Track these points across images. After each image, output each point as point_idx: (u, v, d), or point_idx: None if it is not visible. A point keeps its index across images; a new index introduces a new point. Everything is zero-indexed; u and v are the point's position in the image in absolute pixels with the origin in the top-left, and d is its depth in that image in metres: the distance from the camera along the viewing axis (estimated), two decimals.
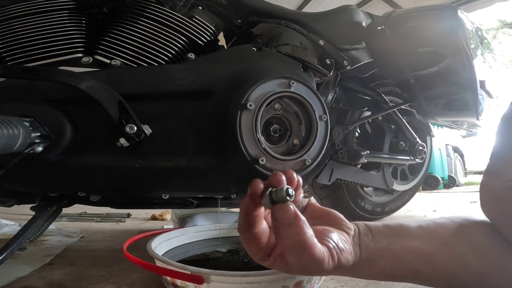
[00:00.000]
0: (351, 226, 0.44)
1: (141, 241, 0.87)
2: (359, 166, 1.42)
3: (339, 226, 0.43)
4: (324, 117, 0.86)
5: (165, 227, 1.51)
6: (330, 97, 1.17)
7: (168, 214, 1.84)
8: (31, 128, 0.65)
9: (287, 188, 0.35)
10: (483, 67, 1.11)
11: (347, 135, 1.29)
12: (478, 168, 5.85)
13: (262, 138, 0.79)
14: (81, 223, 1.67)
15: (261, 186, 0.37)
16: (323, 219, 0.44)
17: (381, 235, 0.44)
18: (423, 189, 4.14)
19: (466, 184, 5.41)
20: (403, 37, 1.07)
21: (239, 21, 1.07)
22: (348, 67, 1.07)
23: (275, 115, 0.84)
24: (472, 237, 0.44)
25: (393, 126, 1.45)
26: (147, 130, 0.74)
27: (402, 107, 1.35)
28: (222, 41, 1.07)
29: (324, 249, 0.37)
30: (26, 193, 0.84)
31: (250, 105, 0.77)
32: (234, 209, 1.50)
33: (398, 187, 1.57)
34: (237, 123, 0.76)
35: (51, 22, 0.79)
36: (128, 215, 1.92)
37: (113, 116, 0.71)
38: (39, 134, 0.67)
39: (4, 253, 0.68)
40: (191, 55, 0.87)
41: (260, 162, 0.77)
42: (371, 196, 1.60)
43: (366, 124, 1.52)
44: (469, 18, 1.09)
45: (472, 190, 4.03)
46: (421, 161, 1.53)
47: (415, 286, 0.48)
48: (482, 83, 1.07)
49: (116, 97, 0.71)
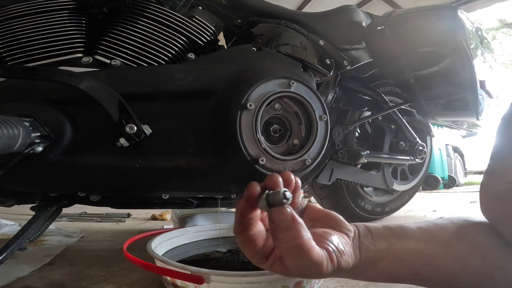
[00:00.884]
0: (351, 228, 0.44)
1: (141, 241, 0.87)
2: (359, 166, 1.42)
3: (339, 228, 0.43)
4: (324, 117, 0.86)
5: (165, 227, 1.51)
6: (330, 97, 1.17)
7: (168, 214, 1.84)
8: (31, 128, 0.65)
9: (284, 191, 0.35)
10: (483, 67, 1.11)
11: (347, 135, 1.29)
12: (478, 168, 5.85)
13: (262, 138, 0.79)
14: (81, 223, 1.67)
15: (258, 189, 0.37)
16: (323, 221, 0.44)
17: (381, 237, 0.44)
18: (423, 189, 4.14)
19: (466, 184, 5.41)
20: (403, 37, 1.07)
21: (239, 21, 1.07)
22: (348, 67, 1.07)
23: (275, 115, 0.84)
24: (472, 238, 0.44)
25: (393, 126, 1.45)
26: (147, 130, 0.74)
27: (402, 107, 1.35)
28: (222, 41, 1.07)
29: (323, 252, 0.36)
30: (26, 193, 0.84)
31: (250, 105, 0.77)
32: (234, 209, 1.50)
33: (398, 187, 1.57)
34: (237, 123, 0.76)
35: (51, 22, 0.79)
36: (128, 215, 1.92)
37: (113, 116, 0.71)
38: (39, 134, 0.67)
39: (4, 253, 0.68)
40: (191, 55, 0.87)
41: (260, 162, 0.77)
42: (371, 196, 1.60)
43: (366, 124, 1.52)
44: (469, 18, 1.09)
45: (472, 190, 4.03)
46: (421, 161, 1.53)
47: (416, 287, 0.48)
48: (482, 83, 1.07)
49: (116, 97, 0.71)
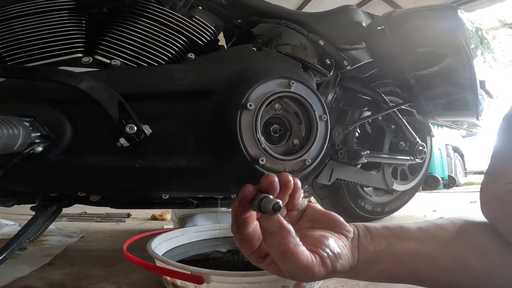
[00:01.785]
0: (350, 229, 0.44)
1: (141, 241, 0.87)
2: (359, 166, 1.42)
3: (338, 229, 0.43)
4: (324, 117, 0.86)
5: (165, 227, 1.51)
6: (330, 97, 1.17)
7: (168, 214, 1.84)
8: (31, 128, 0.65)
9: (275, 203, 0.35)
10: (483, 67, 1.11)
11: (347, 135, 1.29)
12: (478, 168, 5.85)
13: (262, 138, 0.79)
14: (81, 223, 1.67)
15: (252, 191, 0.38)
16: (322, 222, 0.44)
17: (380, 237, 0.44)
18: (423, 189, 4.14)
19: (466, 184, 5.41)
20: (403, 37, 1.07)
21: (239, 21, 1.07)
22: (348, 67, 1.07)
23: (275, 115, 0.84)
24: (472, 239, 0.44)
25: (393, 126, 1.45)
26: (147, 130, 0.74)
27: (402, 107, 1.35)
28: (222, 41, 1.07)
29: (314, 258, 0.37)
30: (26, 193, 0.84)
31: (250, 105, 0.77)
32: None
33: (398, 187, 1.57)
34: (237, 123, 0.76)
35: (51, 22, 0.79)
36: (128, 215, 1.92)
37: (113, 116, 0.71)
38: (39, 134, 0.67)
39: (4, 253, 0.68)
40: (191, 55, 0.87)
41: (260, 162, 0.77)
42: (371, 196, 1.60)
43: (366, 124, 1.52)
44: (469, 18, 1.09)
45: (472, 190, 4.03)
46: (421, 161, 1.53)
47: (415, 287, 0.48)
48: (482, 83, 1.07)
49: (116, 97, 0.71)
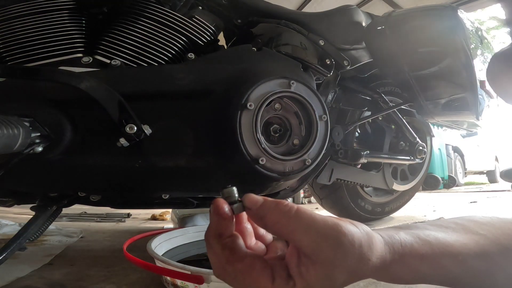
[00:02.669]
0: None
1: (141, 241, 0.87)
2: (359, 166, 1.42)
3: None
4: (324, 117, 0.86)
5: (165, 227, 1.51)
6: (330, 97, 1.17)
7: (168, 214, 1.84)
8: (31, 128, 0.65)
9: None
10: (483, 67, 1.11)
11: (347, 135, 1.29)
12: (478, 168, 5.85)
13: (262, 138, 0.79)
14: (81, 223, 1.67)
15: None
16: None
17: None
18: (423, 189, 4.14)
19: (466, 184, 5.41)
20: (403, 37, 1.07)
21: (239, 21, 1.07)
22: (348, 67, 1.07)
23: (275, 115, 0.84)
24: (473, 231, 0.44)
25: (393, 126, 1.45)
26: (147, 130, 0.74)
27: (402, 107, 1.35)
28: (222, 41, 1.07)
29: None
30: (26, 193, 0.84)
31: (250, 105, 0.77)
32: None
33: (398, 187, 1.57)
34: (237, 123, 0.76)
35: (51, 22, 0.79)
36: (128, 215, 1.92)
37: (113, 116, 0.71)
38: (39, 134, 0.67)
39: (4, 253, 0.68)
40: (191, 55, 0.87)
41: (260, 162, 0.77)
42: (371, 196, 1.60)
43: (366, 124, 1.52)
44: (469, 18, 1.09)
45: (472, 190, 4.03)
46: (421, 161, 1.53)
47: (415, 286, 0.48)
48: (482, 83, 1.07)
49: (116, 97, 0.71)
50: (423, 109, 1.18)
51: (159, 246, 0.84)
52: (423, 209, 2.18)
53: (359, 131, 1.52)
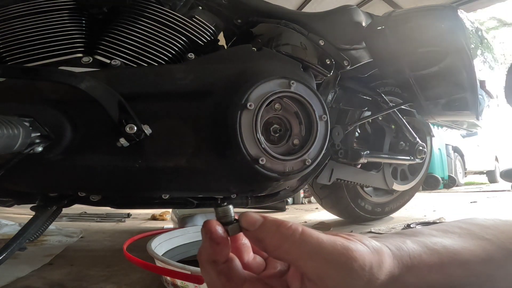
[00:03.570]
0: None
1: (141, 241, 0.87)
2: (359, 166, 1.42)
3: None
4: (324, 117, 0.86)
5: (165, 227, 1.51)
6: (330, 97, 1.17)
7: (168, 214, 1.84)
8: (31, 128, 0.65)
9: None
10: (483, 67, 1.11)
11: (347, 135, 1.29)
12: (478, 168, 5.85)
13: (262, 138, 0.79)
14: (81, 223, 1.67)
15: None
16: None
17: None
18: (423, 189, 4.14)
19: (466, 184, 5.41)
20: (403, 37, 1.07)
21: (239, 21, 1.07)
22: (348, 67, 1.07)
23: (275, 115, 0.84)
24: (479, 236, 0.44)
25: (393, 126, 1.45)
26: (147, 130, 0.74)
27: (402, 107, 1.35)
28: (222, 41, 1.07)
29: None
30: (26, 193, 0.84)
31: (250, 105, 0.77)
32: (234, 209, 1.50)
33: (398, 187, 1.57)
34: (237, 123, 0.76)
35: (51, 22, 0.79)
36: (128, 215, 1.92)
37: (113, 116, 0.71)
38: (39, 134, 0.67)
39: (4, 253, 0.68)
40: (191, 55, 0.87)
41: (260, 162, 0.77)
42: (371, 196, 1.60)
43: (366, 124, 1.52)
44: (469, 18, 1.09)
45: (472, 190, 4.03)
46: (421, 161, 1.53)
47: None
48: (482, 83, 1.07)
49: (116, 97, 0.71)
50: (423, 109, 1.18)
51: (159, 246, 0.84)
52: (423, 209, 2.18)
53: (359, 131, 1.52)
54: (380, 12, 1.21)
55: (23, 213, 1.67)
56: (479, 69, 1.05)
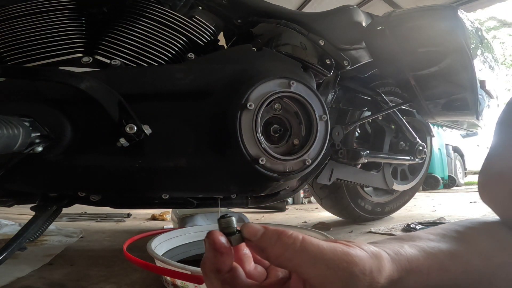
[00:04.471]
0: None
1: (141, 241, 0.87)
2: (359, 166, 1.42)
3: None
4: (324, 117, 0.86)
5: (165, 227, 1.51)
6: (330, 97, 1.17)
7: (168, 214, 1.84)
8: (31, 128, 0.65)
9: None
10: (483, 67, 1.11)
11: (347, 135, 1.29)
12: (478, 168, 5.85)
13: (262, 138, 0.79)
14: (81, 223, 1.67)
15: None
16: None
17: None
18: (423, 189, 4.14)
19: (466, 184, 5.41)
20: (403, 37, 1.07)
21: (239, 21, 1.07)
22: (348, 67, 1.07)
23: (275, 115, 0.84)
24: (476, 240, 0.44)
25: (393, 126, 1.45)
26: (147, 130, 0.74)
27: (402, 107, 1.35)
28: (222, 41, 1.07)
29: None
30: (26, 193, 0.84)
31: (250, 105, 0.77)
32: (234, 209, 1.50)
33: (398, 187, 1.57)
34: (237, 123, 0.76)
35: (51, 22, 0.79)
36: (128, 215, 1.92)
37: (113, 116, 0.71)
38: (39, 134, 0.67)
39: (4, 253, 0.68)
40: (191, 55, 0.87)
41: (260, 162, 0.77)
42: (371, 196, 1.60)
43: (366, 124, 1.52)
44: (469, 18, 1.09)
45: (472, 190, 4.03)
46: (421, 161, 1.53)
47: None
48: (482, 83, 1.07)
49: (116, 97, 0.71)
50: (423, 109, 1.18)
51: (159, 246, 0.84)
52: (423, 209, 2.18)
53: (359, 131, 1.52)
54: (380, 12, 1.20)
55: (23, 213, 1.67)
56: (479, 69, 1.05)
